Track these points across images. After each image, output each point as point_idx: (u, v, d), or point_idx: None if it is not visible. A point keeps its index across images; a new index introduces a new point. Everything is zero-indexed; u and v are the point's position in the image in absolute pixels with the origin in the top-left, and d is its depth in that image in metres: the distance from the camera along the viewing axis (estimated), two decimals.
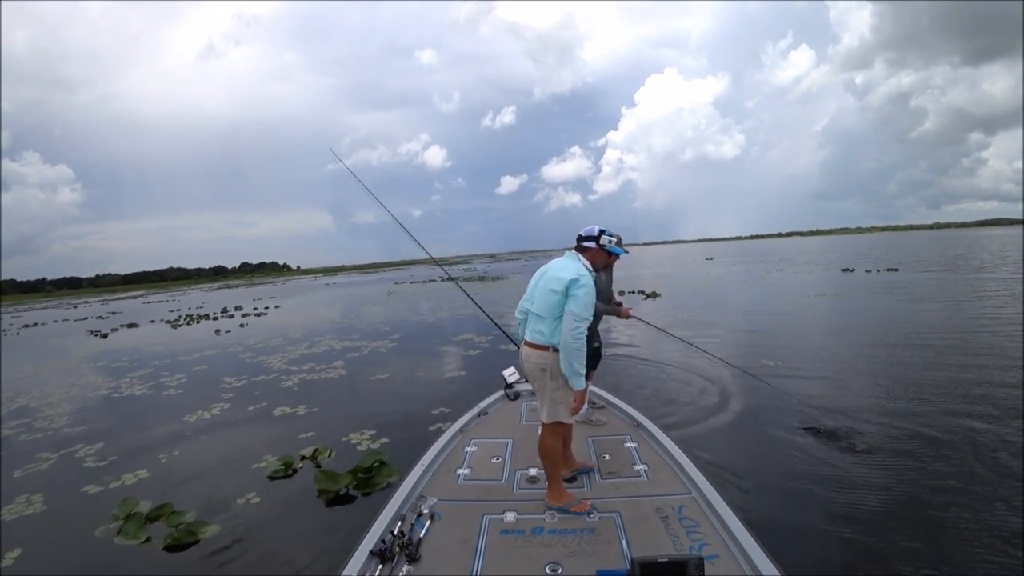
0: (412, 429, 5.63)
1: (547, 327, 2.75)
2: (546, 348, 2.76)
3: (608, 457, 3.44)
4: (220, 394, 8.06)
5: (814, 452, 4.52)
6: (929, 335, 8.96)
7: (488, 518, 2.74)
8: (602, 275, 3.74)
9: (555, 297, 2.71)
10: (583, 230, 2.94)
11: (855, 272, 23.08)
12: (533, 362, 2.82)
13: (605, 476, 3.18)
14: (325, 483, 4.20)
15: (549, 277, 2.82)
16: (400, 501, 2.85)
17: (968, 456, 4.26)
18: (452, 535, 2.59)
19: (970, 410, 5.25)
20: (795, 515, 3.59)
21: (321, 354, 11.09)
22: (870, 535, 3.29)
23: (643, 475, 3.16)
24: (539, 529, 2.62)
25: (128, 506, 4.07)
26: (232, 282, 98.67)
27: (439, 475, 3.28)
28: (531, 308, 2.87)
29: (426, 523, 2.66)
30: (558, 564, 2.33)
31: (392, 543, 2.42)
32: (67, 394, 9.24)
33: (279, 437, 5.86)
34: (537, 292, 2.85)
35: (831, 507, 3.62)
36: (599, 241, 2.89)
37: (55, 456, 5.84)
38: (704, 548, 2.38)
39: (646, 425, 3.87)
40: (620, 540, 2.49)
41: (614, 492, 2.98)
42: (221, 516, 4.02)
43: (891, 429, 4.92)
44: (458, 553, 2.44)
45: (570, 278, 2.69)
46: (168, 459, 5.45)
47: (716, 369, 7.33)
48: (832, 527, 3.39)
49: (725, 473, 4.10)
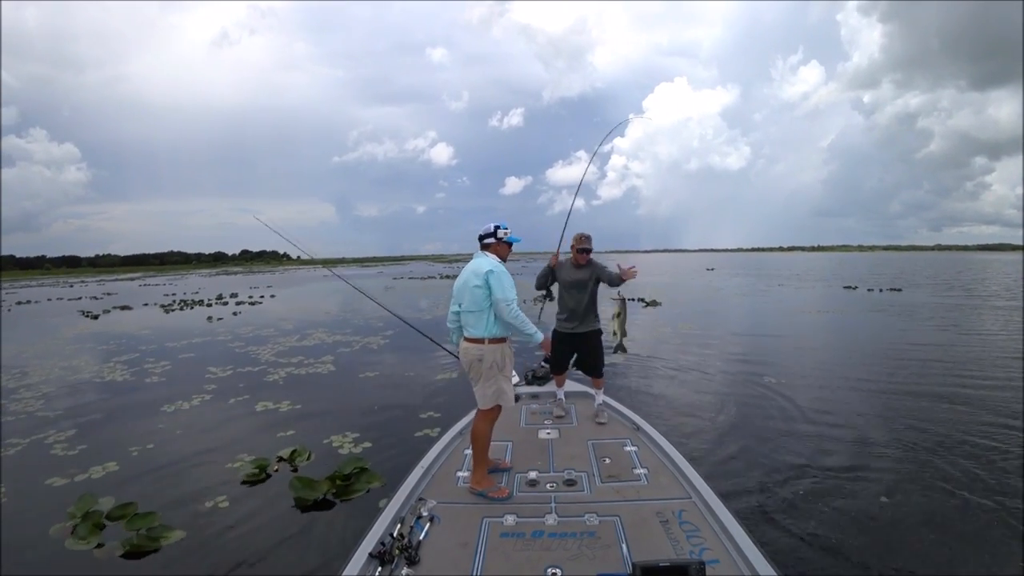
0: (397, 434, 5.37)
1: (479, 320, 3.08)
2: (481, 341, 3.08)
3: (608, 461, 3.43)
4: (203, 384, 7.80)
5: (813, 460, 4.52)
6: (930, 354, 8.88)
7: (488, 521, 2.74)
8: (592, 268, 4.19)
9: (479, 291, 3.05)
10: (481, 230, 3.24)
11: (857, 290, 22.84)
12: (471, 355, 3.10)
13: (605, 480, 3.17)
14: (301, 491, 3.93)
15: (469, 276, 3.13)
16: (400, 503, 2.84)
17: (971, 464, 4.34)
18: (452, 538, 2.59)
19: (973, 421, 5.30)
20: (794, 521, 3.54)
21: (311, 347, 10.83)
22: (870, 541, 3.28)
23: (643, 479, 3.15)
24: (539, 532, 2.61)
25: (85, 504, 3.78)
26: (231, 268, 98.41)
27: (438, 477, 3.27)
28: (461, 308, 3.16)
29: (425, 525, 2.66)
30: (558, 567, 2.32)
31: (391, 545, 2.41)
32: (47, 376, 8.97)
33: (258, 434, 5.61)
34: (464, 293, 3.13)
35: (831, 513, 3.62)
36: (496, 235, 3.21)
37: (25, 442, 5.57)
38: (705, 553, 2.38)
39: (646, 429, 3.86)
40: (620, 544, 2.48)
41: (614, 496, 2.97)
42: (187, 520, 3.75)
43: (893, 440, 4.92)
44: (458, 556, 2.44)
45: (486, 270, 3.06)
46: (140, 452, 5.19)
47: (716, 378, 7.21)
48: (832, 533, 3.37)
49: (725, 478, 4.10)
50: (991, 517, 3.51)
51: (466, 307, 3.12)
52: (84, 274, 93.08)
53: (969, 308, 15.97)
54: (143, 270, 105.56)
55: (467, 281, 3.12)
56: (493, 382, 3.09)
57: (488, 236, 3.23)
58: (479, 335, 3.07)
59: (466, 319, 3.13)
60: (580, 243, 4.19)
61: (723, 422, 5.65)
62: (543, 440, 3.86)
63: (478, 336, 3.08)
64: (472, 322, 3.09)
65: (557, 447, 3.72)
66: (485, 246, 3.24)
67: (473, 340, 3.10)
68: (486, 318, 3.07)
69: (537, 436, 3.93)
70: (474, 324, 3.09)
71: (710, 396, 6.69)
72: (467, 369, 3.17)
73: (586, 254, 4.22)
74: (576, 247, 4.21)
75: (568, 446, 3.72)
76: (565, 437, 3.90)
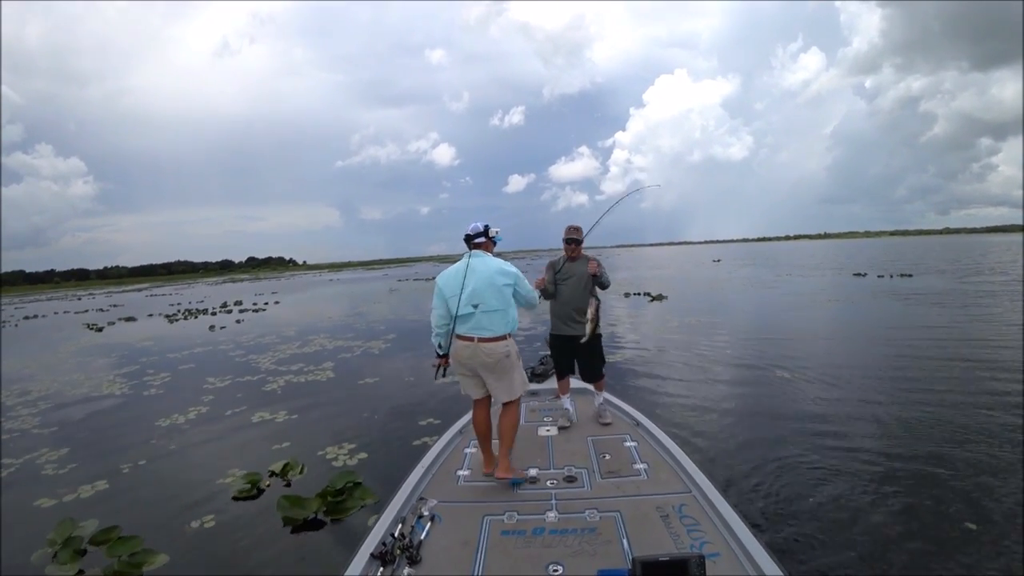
0: (394, 444, 5.20)
1: (503, 318, 3.09)
2: (504, 337, 3.09)
3: (608, 456, 3.43)
4: (201, 396, 7.65)
5: (818, 456, 4.42)
6: (944, 341, 8.65)
7: (489, 519, 2.73)
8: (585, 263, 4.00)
9: (508, 289, 3.12)
10: (470, 228, 3.24)
11: (867, 277, 22.45)
12: (497, 353, 3.07)
13: (605, 475, 3.16)
14: (290, 509, 3.73)
15: (493, 276, 3.10)
16: (400, 503, 2.83)
17: (985, 461, 4.20)
18: (453, 537, 2.58)
19: (983, 415, 5.10)
20: (795, 515, 3.51)
21: (312, 354, 10.68)
22: (872, 538, 3.25)
23: (643, 474, 3.16)
24: (540, 530, 2.61)
25: (65, 529, 3.61)
26: (237, 276, 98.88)
27: (439, 477, 3.27)
28: (478, 308, 3.06)
29: (427, 525, 2.65)
30: (559, 564, 2.32)
31: (393, 545, 2.40)
32: (46, 391, 8.88)
33: (252, 447, 5.45)
34: (487, 293, 3.07)
35: (833, 508, 3.57)
36: (488, 234, 3.25)
37: (18, 463, 5.44)
38: (705, 546, 2.37)
39: (645, 424, 3.86)
40: (621, 539, 2.48)
41: (614, 491, 2.97)
42: (172, 543, 3.57)
43: (902, 436, 4.80)
44: (459, 554, 2.43)
45: (512, 271, 3.16)
46: (131, 469, 5.04)
47: (725, 372, 7.12)
48: (833, 527, 3.33)
49: (727, 472, 4.09)
50: (1001, 518, 3.39)
51: (488, 307, 3.07)
52: (93, 286, 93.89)
53: (984, 293, 15.57)
54: (150, 281, 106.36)
55: (493, 281, 3.09)
56: (519, 370, 3.20)
57: (480, 235, 3.25)
58: (502, 332, 3.09)
59: (483, 319, 3.07)
60: (567, 233, 3.98)
61: (730, 416, 5.53)
62: (542, 437, 3.86)
63: (501, 333, 3.08)
64: (496, 320, 3.07)
65: (557, 444, 3.72)
66: (476, 245, 3.25)
67: (495, 339, 3.08)
68: (510, 315, 3.12)
69: (536, 433, 3.92)
70: (498, 322, 3.07)
71: (718, 391, 6.54)
72: (488, 369, 3.11)
73: (575, 245, 4.00)
74: (564, 238, 4.00)
75: (568, 443, 3.73)
76: (564, 434, 3.90)
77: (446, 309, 3.16)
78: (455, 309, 3.11)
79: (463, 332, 3.11)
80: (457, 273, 3.15)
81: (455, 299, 3.11)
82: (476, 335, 3.07)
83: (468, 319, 3.08)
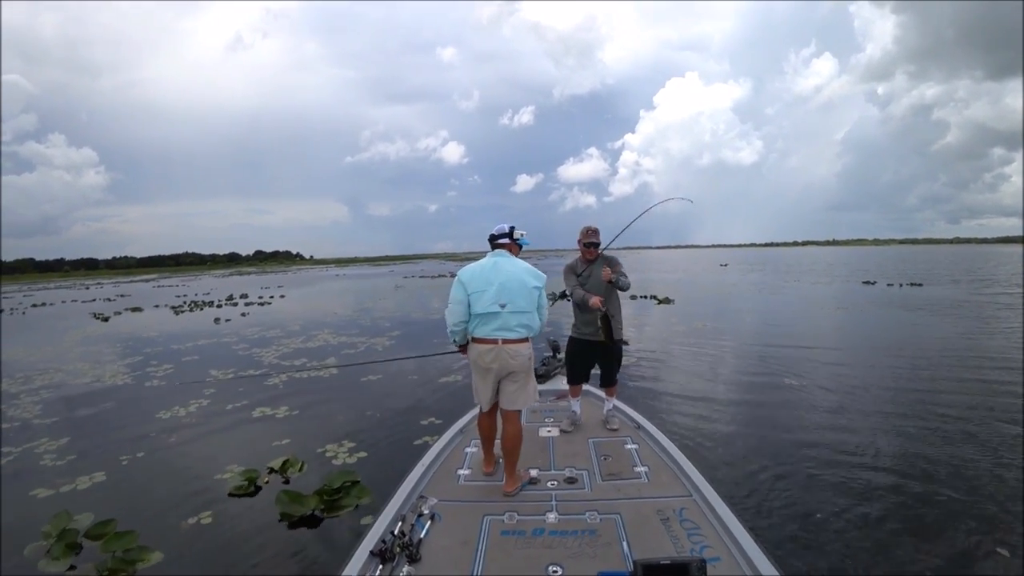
0: (395, 443, 5.13)
1: (531, 320, 3.03)
2: (527, 340, 3.05)
3: (609, 459, 3.42)
4: (202, 389, 7.63)
5: (821, 462, 4.41)
6: (953, 353, 8.51)
7: (489, 519, 2.73)
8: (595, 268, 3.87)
9: (536, 292, 3.04)
10: (495, 228, 3.18)
11: (877, 285, 22.20)
12: (522, 355, 3.00)
13: (606, 478, 3.16)
14: (288, 506, 3.68)
15: (524, 277, 3.02)
16: (401, 501, 2.83)
17: (976, 467, 4.23)
18: (453, 536, 2.58)
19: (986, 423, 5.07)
20: (796, 520, 3.49)
21: (315, 349, 10.65)
22: (873, 543, 3.22)
23: (644, 477, 3.15)
24: (540, 530, 2.60)
25: (61, 521, 3.55)
26: (244, 269, 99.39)
27: (439, 475, 3.26)
28: (504, 308, 2.96)
29: (426, 524, 2.64)
30: (559, 566, 2.31)
31: (392, 543, 2.40)
32: (50, 380, 8.87)
33: (252, 443, 5.39)
34: (518, 292, 2.98)
35: (834, 514, 3.54)
36: (512, 236, 3.17)
37: (17, 451, 5.42)
38: (705, 550, 2.37)
39: (646, 427, 3.85)
40: (621, 542, 2.48)
41: (615, 494, 2.96)
42: (167, 539, 3.51)
43: (907, 446, 4.75)
44: (459, 554, 2.43)
45: (542, 276, 3.10)
46: (130, 461, 5.00)
47: (730, 378, 7.06)
48: (834, 533, 3.32)
49: (728, 476, 4.08)
50: (1002, 526, 3.38)
51: (517, 307, 2.97)
52: (101, 276, 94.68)
53: (1002, 305, 15.33)
54: (158, 271, 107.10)
55: (524, 282, 3.01)
56: (533, 377, 3.16)
57: (504, 236, 3.17)
58: (527, 335, 3.03)
59: (511, 319, 2.96)
60: (586, 236, 3.83)
61: (733, 422, 5.49)
62: (543, 438, 3.84)
63: (525, 336, 3.03)
64: (523, 322, 3.00)
65: (558, 445, 3.71)
66: (499, 245, 3.17)
67: (520, 340, 3.00)
68: (536, 317, 3.07)
69: (538, 434, 3.90)
70: (525, 324, 3.01)
71: (722, 396, 6.49)
72: (508, 371, 3.02)
73: (593, 248, 3.87)
74: (582, 241, 3.86)
75: (569, 444, 3.72)
76: (565, 435, 3.89)
77: (467, 305, 3.00)
78: (477, 307, 2.97)
79: (484, 335, 2.98)
80: (483, 269, 3.03)
81: (479, 295, 2.97)
82: (501, 336, 2.95)
83: (493, 319, 2.95)
